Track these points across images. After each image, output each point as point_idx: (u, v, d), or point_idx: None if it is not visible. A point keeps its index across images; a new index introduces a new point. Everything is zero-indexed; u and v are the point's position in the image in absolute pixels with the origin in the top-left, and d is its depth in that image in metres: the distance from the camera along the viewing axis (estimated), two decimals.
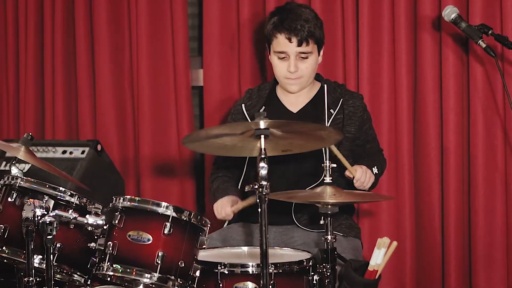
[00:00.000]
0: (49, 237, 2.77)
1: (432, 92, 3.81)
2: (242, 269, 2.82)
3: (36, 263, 2.90)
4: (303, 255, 2.98)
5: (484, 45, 3.43)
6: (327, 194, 2.84)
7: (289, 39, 3.31)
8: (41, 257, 2.91)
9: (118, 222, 2.84)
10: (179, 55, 4.18)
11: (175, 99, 4.21)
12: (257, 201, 2.57)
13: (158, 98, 4.23)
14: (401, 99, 3.84)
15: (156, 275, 2.78)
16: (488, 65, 3.71)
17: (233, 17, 4.08)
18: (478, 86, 3.73)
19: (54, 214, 2.82)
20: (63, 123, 4.35)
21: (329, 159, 2.89)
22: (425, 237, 3.87)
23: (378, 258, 2.91)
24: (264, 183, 2.54)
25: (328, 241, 2.84)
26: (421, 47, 3.81)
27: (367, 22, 3.85)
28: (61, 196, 2.99)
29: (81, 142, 4.12)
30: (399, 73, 3.84)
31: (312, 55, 3.35)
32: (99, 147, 4.07)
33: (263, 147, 2.58)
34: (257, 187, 2.55)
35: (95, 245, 2.88)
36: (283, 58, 3.35)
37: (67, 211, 2.88)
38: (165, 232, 2.80)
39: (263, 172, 2.55)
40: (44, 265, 2.82)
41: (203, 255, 2.92)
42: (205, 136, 2.76)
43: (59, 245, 2.94)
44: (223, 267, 2.81)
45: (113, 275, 2.82)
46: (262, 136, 2.58)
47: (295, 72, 3.34)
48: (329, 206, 2.83)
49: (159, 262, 2.78)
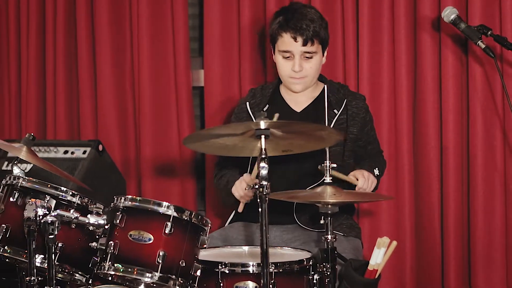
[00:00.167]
0: (50, 236, 2.77)
1: (432, 92, 3.81)
2: (243, 269, 2.82)
3: (38, 262, 2.90)
4: (303, 255, 2.98)
5: (483, 46, 3.43)
6: (327, 194, 2.83)
7: (295, 39, 3.31)
8: (42, 256, 2.91)
9: (119, 221, 2.83)
10: (180, 55, 4.18)
11: (176, 99, 4.21)
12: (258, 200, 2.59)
13: (159, 98, 4.23)
14: (401, 99, 3.84)
15: (157, 274, 2.77)
16: (487, 65, 3.72)
17: (234, 18, 4.08)
18: (477, 86, 3.74)
19: (55, 214, 2.82)
20: (64, 123, 4.35)
21: (329, 159, 2.88)
22: (424, 236, 3.87)
23: (378, 258, 2.91)
24: (264, 183, 2.55)
25: (328, 240, 2.84)
26: (421, 47, 3.82)
27: (367, 22, 3.86)
28: (62, 196, 2.99)
29: (82, 142, 4.12)
30: (399, 73, 3.84)
31: (317, 55, 3.36)
32: (100, 147, 4.07)
33: (263, 147, 2.58)
34: (257, 187, 2.56)
35: (96, 244, 2.87)
36: (288, 57, 3.36)
37: (69, 211, 2.88)
38: (166, 232, 2.80)
39: (263, 172, 2.55)
40: (46, 265, 2.82)
41: (204, 254, 2.93)
42: (206, 136, 2.76)
43: (61, 245, 2.95)
44: (223, 266, 2.81)
45: (114, 274, 2.81)
46: (263, 136, 2.58)
47: (300, 72, 3.34)
48: (329, 206, 2.83)
49: (160, 261, 2.77)
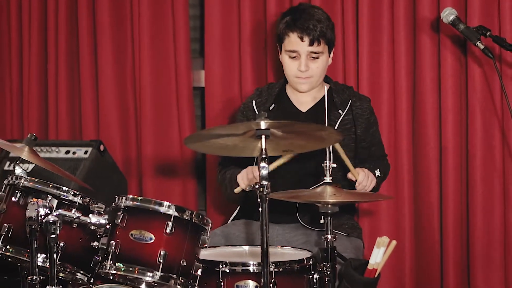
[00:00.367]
0: (52, 236, 2.77)
1: (431, 92, 3.82)
2: (243, 268, 2.83)
3: (40, 261, 2.91)
4: (303, 254, 2.99)
5: (482, 47, 3.43)
6: (327, 194, 2.84)
7: (301, 38, 3.32)
8: (44, 255, 2.92)
9: (120, 221, 2.84)
10: (181, 56, 4.19)
11: (177, 99, 4.22)
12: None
13: (160, 98, 4.24)
14: (401, 99, 3.85)
15: (158, 273, 2.78)
16: (486, 66, 3.72)
17: (234, 19, 4.09)
18: (476, 87, 3.75)
19: (57, 213, 2.82)
20: (66, 123, 4.37)
21: (329, 159, 2.89)
22: (424, 236, 3.88)
23: (378, 257, 2.91)
24: (265, 182, 2.55)
25: (328, 240, 2.85)
26: (420, 48, 3.82)
27: (366, 22, 3.86)
28: (64, 195, 3.00)
29: (84, 143, 4.13)
30: (398, 74, 3.85)
31: (323, 56, 3.37)
32: (101, 147, 4.08)
33: (263, 147, 2.59)
34: (258, 186, 2.57)
35: (98, 244, 2.88)
36: (294, 57, 3.37)
37: (70, 211, 2.89)
38: (167, 231, 2.80)
39: (263, 172, 2.56)
40: (48, 264, 2.82)
41: (204, 254, 2.94)
42: (206, 136, 2.77)
43: (62, 244, 2.95)
44: (224, 265, 2.82)
45: (115, 273, 2.82)
46: (263, 137, 2.59)
47: (306, 72, 3.35)
48: (329, 206, 2.83)
49: (161, 261, 2.78)
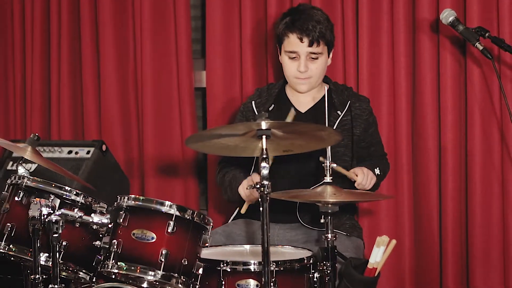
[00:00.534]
0: (55, 235, 2.79)
1: (430, 93, 3.82)
2: (244, 267, 2.84)
3: (43, 260, 2.93)
4: (304, 253, 3.01)
5: (481, 48, 3.43)
6: (327, 194, 2.85)
7: (301, 39, 3.33)
8: (47, 255, 2.94)
9: (122, 220, 2.85)
10: (182, 57, 4.19)
11: (178, 100, 4.22)
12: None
13: (161, 99, 4.24)
14: (400, 100, 3.85)
15: (160, 272, 2.79)
16: (485, 67, 3.73)
17: (236, 19, 4.09)
18: (475, 87, 3.75)
19: (60, 213, 2.84)
20: (69, 123, 4.37)
21: (329, 159, 2.89)
22: (423, 235, 3.88)
23: (377, 256, 2.92)
24: (265, 182, 2.57)
25: (329, 239, 2.85)
26: (420, 49, 3.83)
27: (366, 23, 3.86)
28: (67, 195, 3.01)
29: (86, 143, 4.13)
30: (398, 75, 3.85)
31: (322, 56, 3.38)
32: (104, 147, 4.08)
33: (264, 147, 2.60)
34: (258, 186, 2.58)
35: (100, 243, 2.89)
36: (294, 58, 3.38)
37: (73, 210, 2.91)
38: (169, 231, 2.81)
39: (264, 172, 2.57)
40: (50, 263, 2.84)
41: (206, 253, 2.95)
42: (208, 136, 2.77)
43: (65, 243, 2.96)
44: (225, 265, 2.83)
45: (117, 272, 2.83)
46: (264, 137, 2.60)
47: (305, 72, 3.36)
48: (329, 205, 2.84)
49: (163, 260, 2.79)
